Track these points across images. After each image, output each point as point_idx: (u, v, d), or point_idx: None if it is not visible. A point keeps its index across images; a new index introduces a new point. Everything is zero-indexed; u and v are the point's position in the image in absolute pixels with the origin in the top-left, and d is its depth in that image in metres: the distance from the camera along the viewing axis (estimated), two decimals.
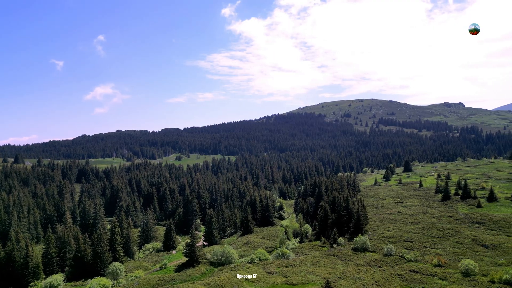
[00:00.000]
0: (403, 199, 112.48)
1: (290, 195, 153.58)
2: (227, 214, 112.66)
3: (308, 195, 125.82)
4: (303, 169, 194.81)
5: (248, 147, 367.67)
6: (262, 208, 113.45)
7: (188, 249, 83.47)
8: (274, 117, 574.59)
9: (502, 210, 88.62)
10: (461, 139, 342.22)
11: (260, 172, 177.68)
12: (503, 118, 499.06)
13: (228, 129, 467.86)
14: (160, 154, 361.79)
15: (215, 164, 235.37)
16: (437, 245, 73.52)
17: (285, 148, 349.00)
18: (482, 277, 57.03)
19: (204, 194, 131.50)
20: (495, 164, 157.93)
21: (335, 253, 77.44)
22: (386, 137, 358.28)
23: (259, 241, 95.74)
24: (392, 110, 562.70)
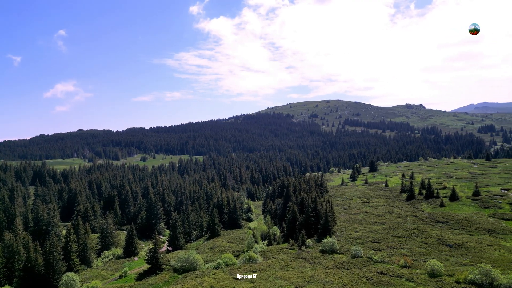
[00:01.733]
0: (370, 199, 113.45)
1: (258, 196, 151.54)
2: (193, 217, 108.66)
3: (277, 196, 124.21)
4: (272, 170, 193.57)
5: (216, 147, 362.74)
6: (229, 210, 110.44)
7: (151, 256, 79.04)
8: (243, 117, 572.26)
9: (464, 209, 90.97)
10: (422, 139, 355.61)
11: (228, 173, 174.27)
12: (460, 119, 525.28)
13: (196, 129, 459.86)
14: (124, 155, 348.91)
15: (181, 164, 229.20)
16: (403, 245, 73.82)
17: (254, 148, 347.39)
18: (448, 278, 57.27)
19: (169, 196, 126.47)
20: (455, 163, 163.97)
21: (303, 256, 75.92)
22: (352, 137, 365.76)
23: (226, 245, 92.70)
24: (357, 111, 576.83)
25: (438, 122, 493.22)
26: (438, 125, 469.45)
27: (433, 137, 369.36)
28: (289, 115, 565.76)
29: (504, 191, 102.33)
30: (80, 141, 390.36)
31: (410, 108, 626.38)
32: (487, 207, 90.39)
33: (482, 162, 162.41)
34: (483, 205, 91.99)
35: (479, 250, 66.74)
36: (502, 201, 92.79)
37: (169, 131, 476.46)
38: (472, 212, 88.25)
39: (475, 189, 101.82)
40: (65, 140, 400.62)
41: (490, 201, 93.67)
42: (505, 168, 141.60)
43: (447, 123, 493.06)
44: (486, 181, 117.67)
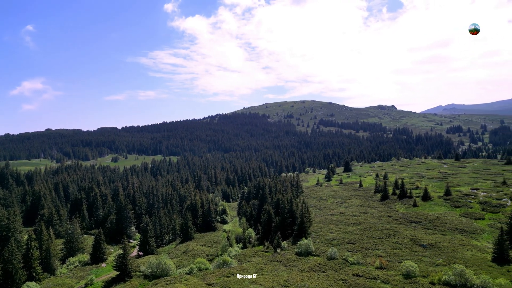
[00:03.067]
0: (345, 200, 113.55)
1: (233, 197, 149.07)
2: (165, 220, 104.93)
3: (252, 197, 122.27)
4: (247, 170, 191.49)
5: (191, 147, 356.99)
6: (203, 212, 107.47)
7: (119, 262, 75.05)
8: (219, 117, 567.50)
9: (436, 209, 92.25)
10: (394, 139, 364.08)
11: (202, 174, 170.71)
12: (430, 120, 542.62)
13: (170, 129, 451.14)
14: (95, 155, 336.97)
15: (154, 165, 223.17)
16: (378, 246, 73.55)
17: (230, 148, 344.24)
18: (423, 279, 57.07)
19: (141, 198, 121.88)
20: (426, 163, 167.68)
21: (278, 259, 74.30)
22: (327, 138, 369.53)
23: (199, 249, 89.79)
24: (331, 112, 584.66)
25: (409, 123, 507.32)
26: (409, 125, 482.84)
27: (404, 137, 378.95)
28: (265, 115, 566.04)
29: (474, 190, 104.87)
30: (48, 141, 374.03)
31: (382, 109, 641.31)
32: (458, 207, 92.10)
33: (452, 162, 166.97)
34: (454, 205, 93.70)
35: (452, 250, 67.28)
36: (472, 201, 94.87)
37: (143, 131, 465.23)
38: (444, 212, 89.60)
39: (446, 189, 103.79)
40: (31, 140, 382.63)
41: (461, 201, 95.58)
42: (473, 168, 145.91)
43: (417, 124, 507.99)
44: (456, 180, 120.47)
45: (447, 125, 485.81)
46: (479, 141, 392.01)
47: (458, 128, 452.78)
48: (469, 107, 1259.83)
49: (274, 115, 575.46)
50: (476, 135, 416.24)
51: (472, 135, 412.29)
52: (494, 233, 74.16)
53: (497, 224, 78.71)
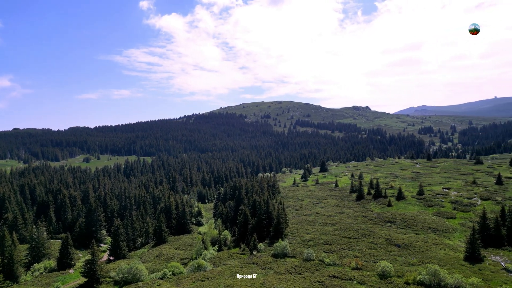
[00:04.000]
0: (321, 200, 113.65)
1: (209, 199, 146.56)
2: (138, 223, 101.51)
3: (228, 198, 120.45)
4: (224, 171, 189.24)
5: (166, 147, 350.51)
6: (178, 214, 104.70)
7: (87, 267, 71.53)
8: (195, 117, 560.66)
9: (410, 208, 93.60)
10: (369, 140, 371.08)
11: (177, 175, 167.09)
12: (402, 121, 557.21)
13: (144, 128, 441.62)
14: (65, 156, 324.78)
15: (128, 166, 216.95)
16: (354, 247, 73.55)
17: (206, 149, 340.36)
18: (398, 279, 57.21)
19: (112, 201, 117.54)
20: (399, 163, 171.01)
21: (255, 261, 72.97)
22: (303, 138, 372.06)
23: (173, 252, 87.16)
24: (308, 112, 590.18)
25: (382, 124, 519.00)
26: (383, 126, 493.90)
27: (378, 137, 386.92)
28: (242, 115, 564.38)
29: (446, 190, 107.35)
30: (15, 141, 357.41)
31: (357, 110, 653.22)
32: (431, 206, 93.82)
33: (424, 162, 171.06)
34: (427, 204, 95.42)
35: (425, 249, 68.06)
36: (444, 200, 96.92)
37: (116, 131, 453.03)
38: (417, 211, 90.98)
39: (419, 188, 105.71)
40: None
41: (433, 200, 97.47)
42: (444, 167, 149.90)
43: (390, 124, 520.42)
44: (429, 180, 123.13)
45: (419, 126, 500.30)
46: (449, 142, 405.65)
47: (429, 129, 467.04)
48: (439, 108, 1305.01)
49: (251, 115, 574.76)
50: (446, 136, 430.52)
51: (442, 136, 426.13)
52: (466, 232, 75.78)
53: (468, 223, 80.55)
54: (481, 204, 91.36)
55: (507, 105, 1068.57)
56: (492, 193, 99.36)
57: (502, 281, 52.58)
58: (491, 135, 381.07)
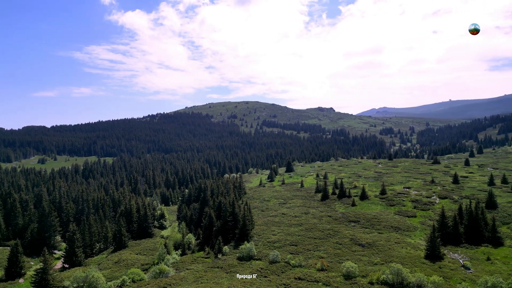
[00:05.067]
0: (287, 200, 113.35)
1: (173, 201, 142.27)
2: (96, 228, 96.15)
3: (193, 200, 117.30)
4: (189, 172, 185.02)
5: (129, 148, 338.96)
6: (139, 218, 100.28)
7: (39, 277, 66.47)
8: (159, 116, 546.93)
9: (373, 208, 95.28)
10: (333, 140, 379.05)
11: (140, 177, 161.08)
12: (365, 122, 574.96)
13: (106, 128, 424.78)
14: (18, 157, 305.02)
15: (87, 167, 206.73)
16: (319, 247, 73.42)
17: (171, 149, 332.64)
18: (362, 279, 57.40)
19: (68, 204, 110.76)
20: (362, 163, 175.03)
21: (219, 265, 70.89)
22: (270, 138, 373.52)
23: (134, 258, 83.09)
24: (274, 113, 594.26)
25: (346, 125, 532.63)
26: (346, 127, 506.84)
27: (342, 138, 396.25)
28: (208, 115, 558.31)
29: (406, 189, 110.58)
30: None
31: (321, 111, 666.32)
32: (393, 205, 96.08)
33: (386, 162, 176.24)
34: (389, 203, 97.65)
35: (388, 248, 69.12)
36: (405, 199, 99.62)
37: (75, 130, 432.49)
38: (380, 211, 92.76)
39: (381, 188, 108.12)
40: None
41: (395, 199, 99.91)
42: (405, 167, 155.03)
43: (353, 125, 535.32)
44: (390, 180, 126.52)
45: (380, 127, 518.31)
46: (408, 142, 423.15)
47: (389, 129, 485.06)
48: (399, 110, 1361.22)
49: (217, 115, 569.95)
50: (405, 136, 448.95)
51: (402, 137, 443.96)
52: (426, 230, 77.96)
53: (428, 221, 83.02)
54: (440, 202, 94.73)
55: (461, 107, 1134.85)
56: (449, 192, 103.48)
57: (461, 279, 54.10)
58: (446, 136, 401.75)
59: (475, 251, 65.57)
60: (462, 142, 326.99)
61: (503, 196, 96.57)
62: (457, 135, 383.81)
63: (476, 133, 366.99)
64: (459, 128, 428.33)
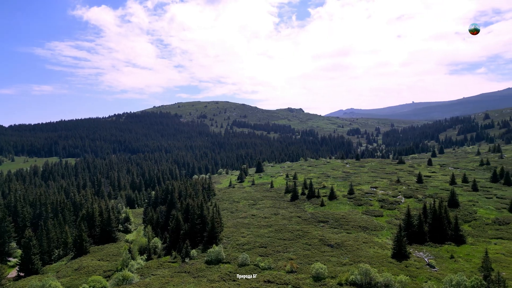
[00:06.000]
0: (257, 201, 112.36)
1: (139, 203, 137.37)
2: (55, 233, 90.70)
3: (160, 202, 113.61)
4: (156, 173, 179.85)
5: (93, 148, 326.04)
6: (102, 222, 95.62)
7: None
8: (126, 116, 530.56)
9: (341, 208, 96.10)
10: (302, 140, 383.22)
11: (104, 178, 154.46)
12: (333, 123, 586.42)
13: (69, 128, 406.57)
14: None
15: (47, 168, 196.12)
16: (289, 249, 72.84)
17: (138, 149, 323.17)
18: (331, 280, 57.20)
19: (25, 208, 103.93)
20: (331, 163, 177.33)
21: (187, 269, 68.60)
22: (240, 138, 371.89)
23: (95, 264, 78.87)
24: (244, 113, 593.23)
25: (315, 125, 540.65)
26: (315, 128, 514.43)
27: (311, 138, 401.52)
28: (177, 115, 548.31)
29: (373, 189, 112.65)
30: None
31: (291, 112, 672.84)
32: (360, 205, 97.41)
33: (353, 162, 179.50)
34: (357, 203, 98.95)
35: (356, 248, 69.59)
36: (372, 199, 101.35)
37: (35, 130, 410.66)
38: (348, 210, 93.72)
39: (349, 188, 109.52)
40: None
41: (362, 199, 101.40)
42: (372, 167, 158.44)
43: (322, 126, 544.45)
44: (358, 179, 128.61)
45: (348, 128, 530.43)
46: (374, 142, 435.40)
47: (356, 130, 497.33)
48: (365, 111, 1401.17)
49: (187, 115, 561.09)
50: (371, 137, 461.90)
51: (368, 137, 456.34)
52: (392, 229, 79.34)
53: (394, 220, 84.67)
54: (405, 202, 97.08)
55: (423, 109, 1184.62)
56: (414, 191, 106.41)
57: (426, 277, 55.06)
58: (410, 137, 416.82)
59: (439, 249, 67.30)
60: (424, 142, 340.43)
61: (464, 195, 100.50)
62: (420, 135, 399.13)
63: (438, 133, 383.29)
64: (421, 129, 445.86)
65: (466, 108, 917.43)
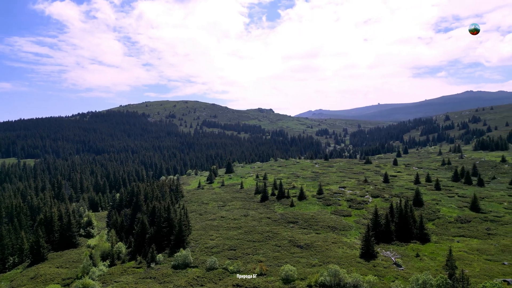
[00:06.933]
0: (226, 202, 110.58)
1: (103, 206, 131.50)
2: (9, 239, 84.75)
3: (125, 205, 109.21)
4: (122, 174, 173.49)
5: (55, 148, 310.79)
6: (62, 226, 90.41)
7: None
8: (91, 115, 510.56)
9: (310, 208, 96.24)
10: (272, 141, 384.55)
11: (65, 180, 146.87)
12: (302, 123, 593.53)
13: (28, 127, 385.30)
14: None
15: (3, 170, 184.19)
16: (258, 251, 71.75)
17: (103, 150, 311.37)
18: (301, 282, 56.63)
19: None
20: (300, 164, 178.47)
21: (152, 275, 65.86)
22: (210, 139, 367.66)
23: (54, 272, 74.24)
24: (215, 113, 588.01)
25: (285, 126, 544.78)
26: (285, 128, 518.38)
27: (281, 139, 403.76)
28: (145, 114, 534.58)
29: (342, 188, 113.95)
30: None
31: (261, 112, 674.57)
32: (329, 205, 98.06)
33: (322, 162, 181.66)
34: (326, 203, 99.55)
35: (326, 248, 69.58)
36: (341, 199, 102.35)
37: None
38: (317, 211, 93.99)
39: (319, 188, 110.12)
40: None
41: (331, 199, 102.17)
42: (340, 167, 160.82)
43: (292, 126, 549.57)
44: (327, 179, 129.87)
45: (316, 128, 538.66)
46: (342, 143, 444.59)
47: (325, 131, 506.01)
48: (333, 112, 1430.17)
49: (155, 115, 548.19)
50: (339, 137, 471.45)
51: (336, 138, 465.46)
52: (360, 229, 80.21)
53: (362, 220, 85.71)
54: (373, 201, 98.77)
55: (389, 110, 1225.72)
56: (381, 191, 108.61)
57: (393, 276, 55.66)
58: (376, 137, 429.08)
59: (405, 248, 68.56)
60: (390, 143, 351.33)
61: (428, 194, 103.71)
62: (385, 136, 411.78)
63: (402, 134, 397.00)
64: (387, 130, 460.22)
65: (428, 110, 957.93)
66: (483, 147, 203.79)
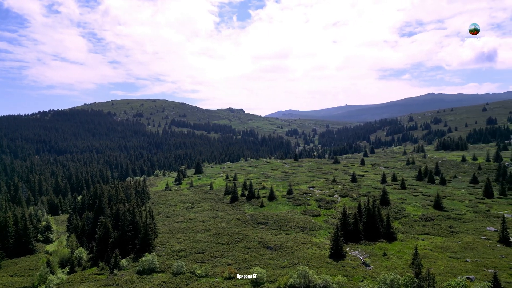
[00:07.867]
0: (195, 204, 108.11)
1: (64, 210, 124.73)
2: None
3: (87, 208, 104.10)
4: (85, 175, 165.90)
5: (13, 148, 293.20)
6: (17, 232, 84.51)
7: None
8: (53, 113, 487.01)
9: (280, 208, 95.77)
10: (243, 141, 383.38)
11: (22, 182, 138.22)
12: (272, 123, 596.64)
13: None
14: None
15: None
16: (227, 253, 70.16)
17: (65, 150, 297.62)
18: (270, 285, 55.68)
19: None
20: (270, 164, 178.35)
21: (115, 282, 62.64)
22: (179, 138, 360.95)
23: (7, 281, 69.03)
24: (184, 112, 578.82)
25: (255, 126, 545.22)
26: (256, 128, 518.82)
27: (251, 139, 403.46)
28: (111, 113, 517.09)
29: (311, 188, 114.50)
30: None
31: (232, 112, 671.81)
32: (299, 205, 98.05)
33: (292, 162, 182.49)
34: (296, 203, 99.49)
35: (295, 249, 69.08)
36: (310, 198, 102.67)
37: None
38: (287, 211, 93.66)
39: (288, 188, 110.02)
40: None
41: (301, 199, 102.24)
42: (309, 167, 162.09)
43: (262, 126, 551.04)
44: (296, 179, 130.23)
45: (286, 128, 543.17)
46: (311, 143, 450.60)
47: (295, 131, 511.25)
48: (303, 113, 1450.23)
49: (121, 113, 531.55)
50: (309, 138, 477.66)
51: (305, 138, 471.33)
52: (329, 228, 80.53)
53: (331, 219, 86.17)
54: (341, 201, 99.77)
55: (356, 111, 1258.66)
56: (349, 190, 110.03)
57: (362, 276, 55.88)
58: (344, 137, 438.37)
59: (373, 247, 69.35)
60: (357, 143, 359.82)
61: (394, 193, 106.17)
62: (353, 136, 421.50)
63: (369, 134, 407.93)
64: (354, 130, 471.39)
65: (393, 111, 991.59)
66: (445, 147, 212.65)
